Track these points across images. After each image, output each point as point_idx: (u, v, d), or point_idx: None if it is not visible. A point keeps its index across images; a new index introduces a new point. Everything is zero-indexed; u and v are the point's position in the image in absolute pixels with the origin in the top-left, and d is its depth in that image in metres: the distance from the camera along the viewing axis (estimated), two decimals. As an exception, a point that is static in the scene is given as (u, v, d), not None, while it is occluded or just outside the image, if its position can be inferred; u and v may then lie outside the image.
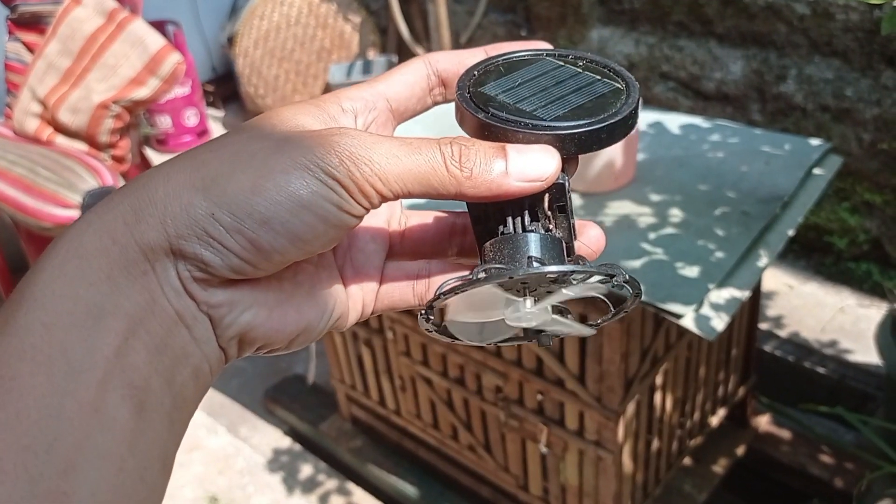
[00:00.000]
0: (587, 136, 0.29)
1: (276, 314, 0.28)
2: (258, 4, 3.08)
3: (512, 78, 0.31)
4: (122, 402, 0.24)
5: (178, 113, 3.10)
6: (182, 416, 0.26)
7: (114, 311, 0.24)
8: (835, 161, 1.25)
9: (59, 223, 1.79)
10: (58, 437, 0.22)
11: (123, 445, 0.23)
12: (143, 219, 0.25)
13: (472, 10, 2.79)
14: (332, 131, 0.28)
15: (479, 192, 0.28)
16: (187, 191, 0.26)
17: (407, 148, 0.28)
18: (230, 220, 0.25)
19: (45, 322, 0.23)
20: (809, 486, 1.55)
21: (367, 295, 0.33)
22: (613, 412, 1.15)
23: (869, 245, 2.08)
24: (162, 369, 0.25)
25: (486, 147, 0.28)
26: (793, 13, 2.01)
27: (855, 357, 1.83)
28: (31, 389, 0.22)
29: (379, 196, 0.27)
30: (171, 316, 0.26)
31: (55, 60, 1.96)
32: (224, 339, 0.28)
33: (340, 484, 1.68)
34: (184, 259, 0.26)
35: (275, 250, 0.26)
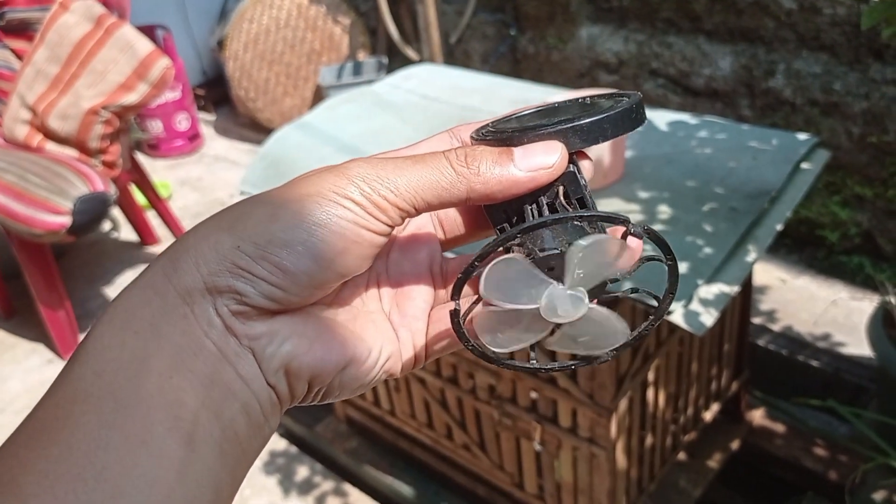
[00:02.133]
0: (590, 127, 0.29)
1: (317, 345, 0.29)
2: (247, 8, 3.08)
3: (521, 117, 0.33)
4: (169, 433, 0.25)
5: (169, 117, 3.10)
6: (234, 451, 0.27)
7: (157, 353, 0.26)
8: (822, 155, 1.25)
9: (50, 230, 1.79)
10: (106, 466, 0.24)
11: (171, 474, 0.25)
12: (179, 266, 0.28)
13: (461, 11, 2.79)
14: (342, 164, 0.29)
15: (489, 187, 0.29)
16: (214, 233, 0.28)
17: (413, 159, 0.29)
18: (254, 249, 0.27)
19: (95, 370, 0.26)
20: (804, 479, 1.56)
21: (417, 338, 0.33)
22: (606, 409, 1.15)
23: (860, 238, 2.09)
24: (209, 403, 0.27)
25: (491, 149, 0.30)
26: (780, 8, 2.01)
27: (848, 350, 1.83)
28: (81, 426, 0.25)
29: (394, 208, 0.29)
30: (214, 354, 0.27)
31: (44, 67, 1.96)
32: (270, 373, 0.28)
33: (337, 485, 1.68)
34: (219, 294, 0.27)
35: (301, 271, 0.27)
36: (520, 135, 0.30)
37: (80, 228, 1.83)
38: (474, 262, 0.29)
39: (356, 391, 0.32)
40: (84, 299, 2.34)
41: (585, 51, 2.51)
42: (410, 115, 1.49)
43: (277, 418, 0.30)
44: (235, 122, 3.41)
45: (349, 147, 1.40)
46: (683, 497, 1.49)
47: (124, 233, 2.67)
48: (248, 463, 0.28)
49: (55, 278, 2.01)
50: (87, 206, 1.83)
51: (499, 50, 2.76)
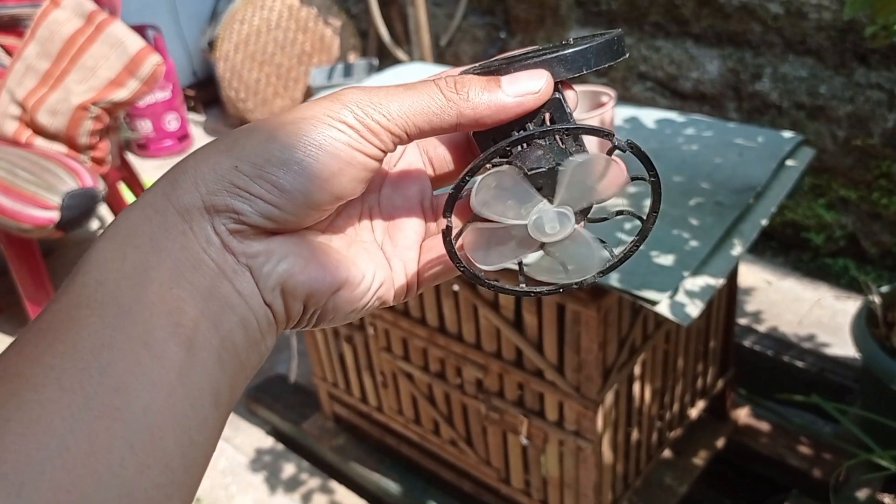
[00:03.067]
0: (573, 56, 0.31)
1: (312, 265, 0.30)
2: (238, 8, 3.08)
3: (509, 58, 0.34)
4: (171, 338, 0.26)
5: (159, 117, 3.10)
6: (232, 360, 0.28)
7: (157, 266, 0.27)
8: (807, 153, 1.27)
9: (38, 224, 1.78)
10: (110, 362, 0.25)
11: (172, 374, 0.26)
12: (179, 185, 0.29)
13: (451, 13, 2.80)
14: (336, 91, 0.31)
15: (479, 112, 0.30)
16: (213, 154, 0.29)
17: (404, 86, 0.31)
18: (251, 168, 0.28)
19: (98, 279, 0.27)
20: (788, 477, 1.57)
21: (409, 266, 0.35)
22: (592, 401, 1.16)
23: (845, 241, 2.11)
24: (208, 314, 0.28)
25: (479, 77, 0.31)
26: (767, 13, 2.03)
27: (833, 350, 1.85)
28: (86, 327, 0.25)
29: (386, 132, 0.30)
30: (212, 269, 0.28)
31: (34, 63, 1.96)
32: (266, 291, 0.29)
33: (323, 482, 1.68)
34: (217, 213, 0.28)
35: (296, 190, 0.29)
36: (506, 66, 0.31)
37: (69, 224, 1.83)
38: (465, 175, 0.30)
39: (349, 316, 0.33)
40: (71, 297, 2.33)
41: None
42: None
43: (273, 337, 0.31)
44: (225, 123, 3.41)
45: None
46: (669, 494, 1.50)
47: (112, 231, 2.66)
48: (245, 376, 0.29)
49: (43, 275, 2.00)
50: (76, 202, 1.83)
51: (489, 52, 2.77)
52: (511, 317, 1.19)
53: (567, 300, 1.09)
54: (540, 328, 1.16)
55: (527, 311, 1.16)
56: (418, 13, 2.66)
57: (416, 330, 1.36)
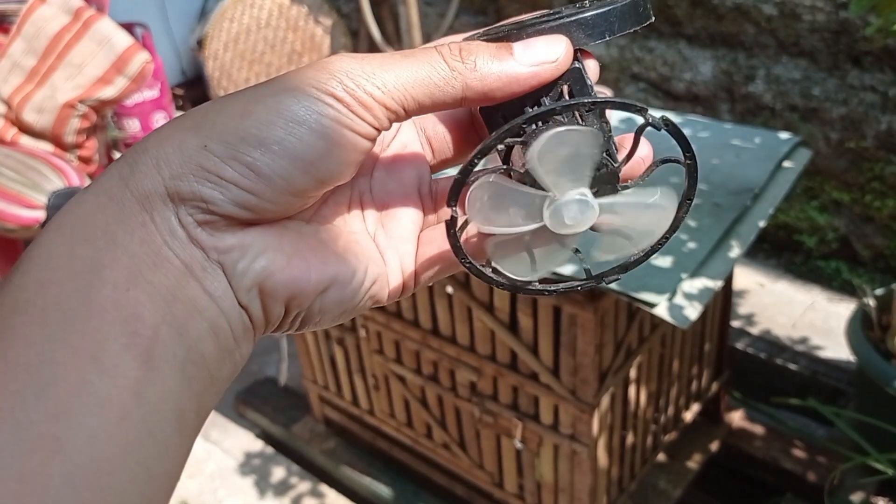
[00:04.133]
0: (595, 20, 0.27)
1: (295, 261, 0.26)
2: (228, 7, 3.06)
3: (519, 22, 0.29)
4: (125, 350, 0.22)
5: (147, 116, 3.07)
6: (200, 374, 0.24)
7: (111, 264, 0.23)
8: (804, 154, 1.26)
9: (23, 224, 1.75)
10: (50, 382, 0.21)
11: (127, 393, 0.22)
12: (138, 168, 0.24)
13: (443, 13, 2.79)
14: (324, 59, 0.26)
15: (487, 84, 0.26)
16: (178, 132, 0.25)
17: (402, 55, 0.26)
18: (223, 149, 0.24)
19: (39, 279, 0.23)
20: (782, 480, 1.56)
21: (406, 260, 0.30)
22: (588, 405, 1.14)
23: (838, 243, 2.11)
24: (171, 320, 0.23)
25: (488, 44, 0.27)
26: (760, 14, 2.03)
27: (826, 353, 1.84)
28: (22, 338, 0.21)
29: (381, 107, 0.26)
30: (177, 267, 0.24)
31: (20, 59, 1.93)
32: (242, 292, 0.25)
33: (313, 486, 1.66)
34: (183, 202, 0.24)
35: (276, 174, 0.24)
36: (518, 31, 0.27)
37: (55, 223, 1.80)
38: (473, 158, 0.26)
39: (338, 318, 0.28)
40: (57, 298, 2.30)
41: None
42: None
43: (250, 344, 0.26)
44: (208, 121, 3.39)
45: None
46: (663, 497, 1.49)
47: (99, 231, 2.63)
48: (216, 391, 0.25)
49: (28, 275, 1.97)
50: (62, 201, 1.80)
51: (480, 53, 2.76)
52: (506, 319, 1.18)
53: (563, 302, 1.07)
54: (535, 331, 1.14)
55: (522, 314, 1.14)
56: (410, 12, 2.65)
57: (408, 332, 1.34)
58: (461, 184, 0.27)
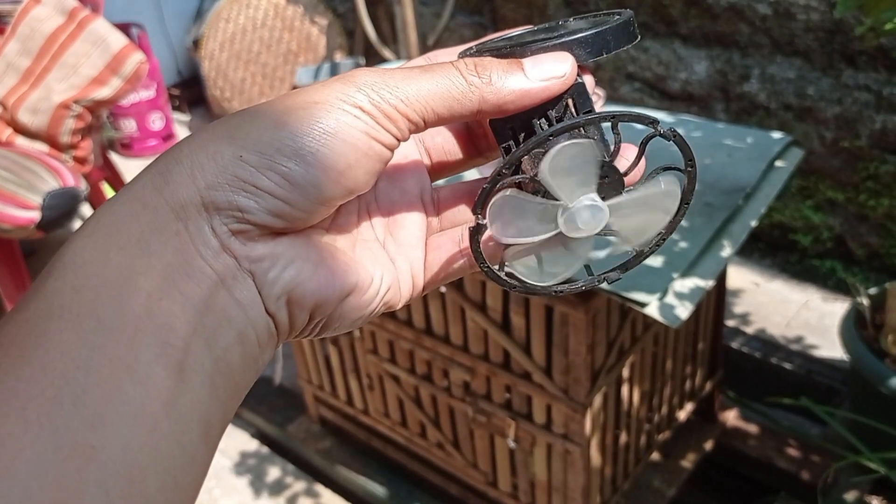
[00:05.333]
0: (594, 38, 0.29)
1: (321, 270, 0.27)
2: (224, 7, 3.06)
3: (509, 37, 0.32)
4: (157, 360, 0.23)
5: (143, 116, 3.07)
6: (227, 384, 0.25)
7: (145, 272, 0.24)
8: (796, 153, 1.26)
9: (19, 225, 1.75)
10: (86, 389, 0.21)
11: (158, 404, 0.22)
12: (172, 178, 0.25)
13: (438, 13, 2.79)
14: (347, 73, 0.28)
15: (502, 97, 0.28)
16: (213, 142, 0.25)
17: (422, 70, 0.28)
18: (259, 159, 0.25)
19: (74, 285, 0.23)
20: (776, 479, 1.56)
21: (415, 266, 0.32)
22: (580, 404, 1.14)
23: (832, 242, 2.11)
24: (202, 331, 0.24)
25: (501, 60, 0.29)
26: (755, 13, 2.03)
27: (820, 352, 1.85)
28: (58, 344, 0.22)
29: (404, 118, 0.27)
30: (209, 276, 0.25)
31: (14, 60, 1.93)
32: (270, 300, 0.26)
33: (308, 486, 1.66)
34: (218, 212, 0.25)
35: (309, 183, 0.25)
36: (521, 49, 0.29)
37: (50, 224, 1.80)
38: (502, 169, 0.28)
39: (355, 323, 0.29)
40: (53, 298, 2.30)
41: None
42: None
43: (272, 351, 0.27)
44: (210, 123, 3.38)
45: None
46: (657, 497, 1.49)
47: (95, 232, 2.63)
48: (239, 397, 0.26)
49: (24, 276, 1.97)
50: (57, 202, 1.80)
51: (476, 53, 2.76)
52: (499, 319, 1.18)
53: (555, 302, 1.08)
54: (528, 330, 1.14)
55: (514, 313, 1.14)
56: (405, 12, 2.65)
57: (402, 332, 1.34)
58: (488, 192, 0.28)
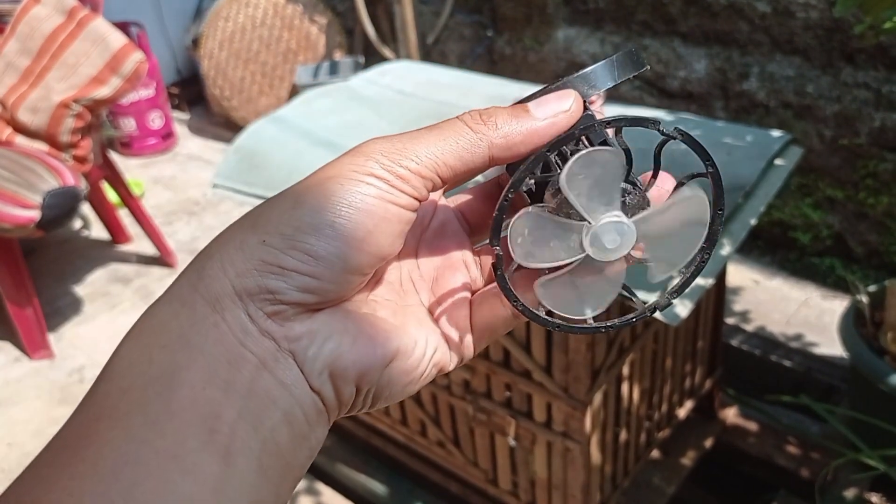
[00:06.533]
0: (598, 71, 0.29)
1: (361, 340, 0.28)
2: (223, 6, 3.06)
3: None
4: (203, 447, 0.23)
5: (143, 115, 3.07)
6: (276, 464, 0.25)
7: (188, 365, 0.24)
8: (796, 152, 1.26)
9: (19, 224, 1.76)
10: (135, 482, 0.22)
11: (207, 490, 0.23)
12: (205, 273, 0.26)
13: (438, 11, 2.79)
14: (358, 146, 0.28)
15: (511, 141, 0.28)
16: (238, 234, 0.27)
17: (428, 128, 0.28)
18: (280, 240, 0.26)
19: (121, 387, 0.24)
20: (776, 476, 1.57)
21: (461, 325, 0.32)
22: (580, 402, 1.15)
23: (832, 240, 2.11)
24: (247, 414, 0.25)
25: (505, 107, 0.29)
26: (754, 12, 2.03)
27: (819, 350, 1.85)
28: (107, 442, 0.23)
29: (417, 177, 0.27)
30: (250, 362, 0.25)
31: (14, 59, 1.93)
32: (314, 377, 0.27)
33: (309, 484, 1.66)
34: (251, 297, 0.26)
35: (333, 255, 0.26)
36: (527, 97, 0.29)
37: (50, 223, 1.80)
38: (507, 193, 0.28)
39: (406, 389, 0.30)
40: (53, 297, 2.30)
41: (562, 52, 2.52)
42: (386, 109, 1.48)
43: (324, 428, 0.28)
44: (210, 122, 3.39)
45: (324, 141, 1.39)
46: (657, 494, 1.49)
47: (95, 231, 2.63)
48: (293, 477, 0.26)
49: (24, 275, 1.97)
50: (57, 201, 1.80)
51: (476, 51, 2.76)
52: (499, 317, 1.18)
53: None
54: (528, 328, 1.15)
55: (515, 312, 1.15)
56: (405, 11, 2.65)
57: (402, 330, 1.34)
58: (499, 220, 0.28)
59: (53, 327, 2.16)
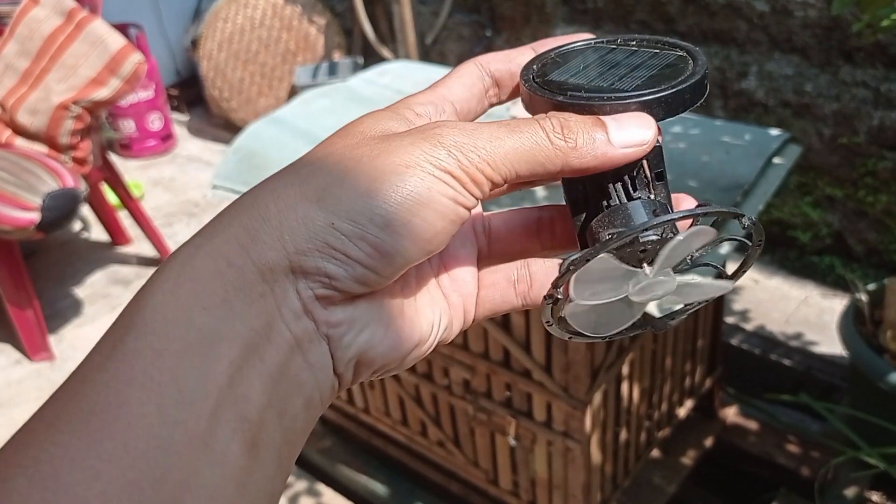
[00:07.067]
0: (673, 98, 0.28)
1: (391, 331, 0.27)
2: (222, 7, 3.06)
3: (573, 65, 0.31)
4: (233, 436, 0.22)
5: (142, 117, 3.07)
6: (290, 453, 0.25)
7: (229, 336, 0.23)
8: (794, 150, 1.26)
9: (19, 226, 1.76)
10: (165, 471, 0.21)
11: (232, 485, 0.22)
12: (260, 238, 0.24)
13: (436, 11, 2.79)
14: (430, 126, 0.27)
15: (585, 162, 0.27)
16: (302, 204, 0.25)
17: (507, 129, 0.27)
18: (351, 228, 0.25)
19: (156, 348, 0.22)
20: (776, 475, 1.57)
21: (468, 301, 0.31)
22: (580, 402, 1.15)
23: (831, 239, 2.11)
24: (275, 401, 0.24)
25: (584, 119, 0.28)
26: (752, 10, 2.03)
27: (819, 348, 1.85)
28: (140, 419, 0.21)
29: (489, 182, 0.26)
30: (288, 341, 0.24)
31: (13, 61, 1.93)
32: (341, 363, 0.26)
33: (310, 485, 1.66)
34: (305, 276, 0.25)
35: (398, 253, 0.25)
36: (599, 100, 0.28)
37: (50, 225, 1.80)
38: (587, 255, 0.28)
39: (408, 365, 0.29)
40: (53, 299, 2.30)
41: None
42: (385, 110, 1.48)
43: (328, 405, 0.27)
44: (209, 123, 3.39)
45: (323, 141, 1.39)
46: (657, 493, 1.49)
47: (95, 232, 2.63)
48: (293, 462, 0.26)
49: (24, 277, 1.97)
50: (57, 203, 1.80)
51: (474, 51, 2.76)
52: (498, 317, 1.18)
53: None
54: (527, 328, 1.15)
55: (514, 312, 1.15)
56: (403, 11, 2.65)
57: (402, 331, 1.34)
58: (561, 277, 0.28)
59: (54, 329, 2.16)
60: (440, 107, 0.31)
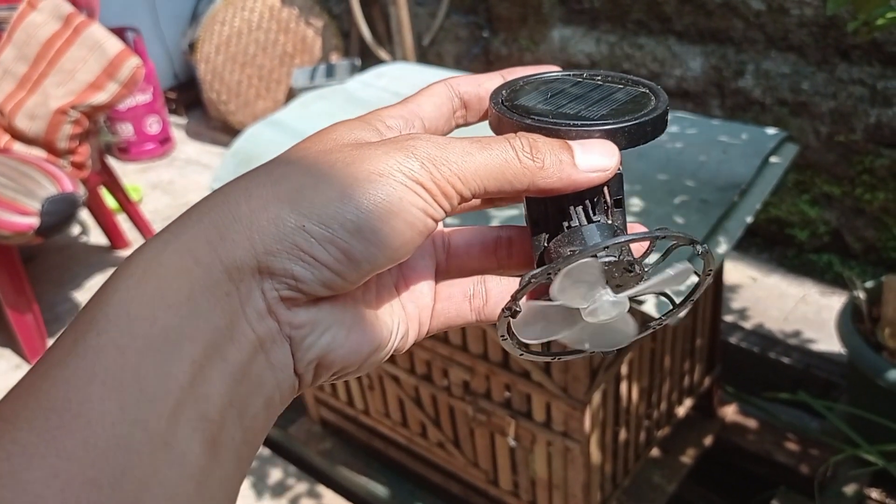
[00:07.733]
0: (636, 129, 0.29)
1: (353, 334, 0.28)
2: (219, 10, 3.06)
3: (541, 92, 0.32)
4: (193, 435, 0.22)
5: (140, 120, 3.07)
6: (249, 453, 0.25)
7: (192, 335, 0.23)
8: (791, 149, 1.27)
9: (18, 231, 1.76)
10: (125, 470, 0.21)
11: (191, 484, 0.22)
12: (229, 236, 0.24)
13: (433, 13, 2.79)
14: (404, 137, 0.27)
15: (551, 183, 0.28)
16: (273, 204, 0.25)
17: (478, 145, 0.28)
18: (322, 231, 0.25)
19: (119, 344, 0.22)
20: (776, 473, 1.57)
21: (423, 313, 0.32)
22: (580, 402, 1.15)
23: (829, 236, 2.12)
24: (237, 400, 0.24)
25: (552, 141, 0.29)
26: (749, 9, 2.04)
27: (818, 346, 1.85)
28: (100, 416, 0.21)
29: (458, 196, 0.27)
30: (251, 341, 0.24)
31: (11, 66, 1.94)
32: (302, 364, 0.26)
33: (311, 487, 1.66)
34: (272, 277, 0.25)
35: (366, 259, 0.25)
36: (566, 126, 0.29)
37: (49, 230, 1.81)
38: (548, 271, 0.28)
39: (366, 370, 0.30)
40: (53, 303, 2.30)
41: (558, 52, 2.52)
42: (383, 112, 1.48)
43: (287, 404, 0.27)
44: (207, 126, 3.39)
45: (321, 144, 1.39)
46: (657, 492, 1.50)
47: (94, 236, 2.63)
48: (251, 462, 0.26)
49: (23, 282, 1.98)
50: (56, 207, 1.80)
51: (472, 51, 2.77)
52: (497, 318, 1.18)
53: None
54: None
55: (513, 312, 1.15)
56: (400, 13, 2.65)
57: (401, 332, 1.35)
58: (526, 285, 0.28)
59: (53, 333, 2.16)
60: (410, 122, 0.31)
